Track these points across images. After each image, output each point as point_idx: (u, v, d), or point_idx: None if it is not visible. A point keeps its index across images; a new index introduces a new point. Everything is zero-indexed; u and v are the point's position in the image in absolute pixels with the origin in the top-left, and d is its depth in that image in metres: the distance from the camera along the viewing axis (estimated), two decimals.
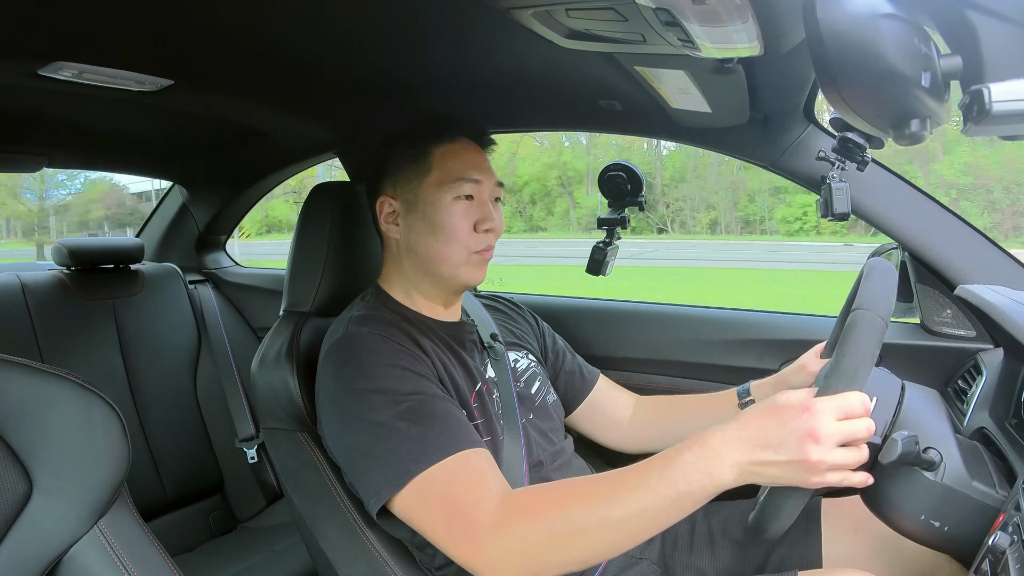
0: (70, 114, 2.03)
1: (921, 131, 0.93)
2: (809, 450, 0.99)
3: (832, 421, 1.00)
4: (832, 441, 0.99)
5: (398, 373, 1.27)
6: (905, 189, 1.74)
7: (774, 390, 1.56)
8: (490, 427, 1.41)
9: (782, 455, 1.01)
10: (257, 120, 2.17)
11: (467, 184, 1.42)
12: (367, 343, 1.30)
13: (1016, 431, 1.34)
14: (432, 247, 1.42)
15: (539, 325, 1.80)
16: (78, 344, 2.45)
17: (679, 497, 1.04)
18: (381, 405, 1.23)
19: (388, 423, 1.21)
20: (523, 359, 1.63)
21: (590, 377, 1.80)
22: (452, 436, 1.21)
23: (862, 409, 1.01)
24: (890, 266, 1.17)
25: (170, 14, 1.29)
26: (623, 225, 2.04)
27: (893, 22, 0.85)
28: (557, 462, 1.51)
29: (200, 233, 3.06)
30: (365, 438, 1.23)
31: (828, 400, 1.01)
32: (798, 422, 1.01)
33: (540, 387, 1.61)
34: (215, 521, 2.62)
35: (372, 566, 1.34)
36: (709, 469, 1.04)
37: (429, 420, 1.22)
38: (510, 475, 1.37)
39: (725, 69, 1.32)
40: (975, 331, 1.73)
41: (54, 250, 2.57)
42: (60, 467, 0.88)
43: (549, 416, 1.58)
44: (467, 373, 1.44)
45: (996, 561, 0.91)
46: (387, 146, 1.49)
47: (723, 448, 1.04)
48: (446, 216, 1.41)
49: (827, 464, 1.00)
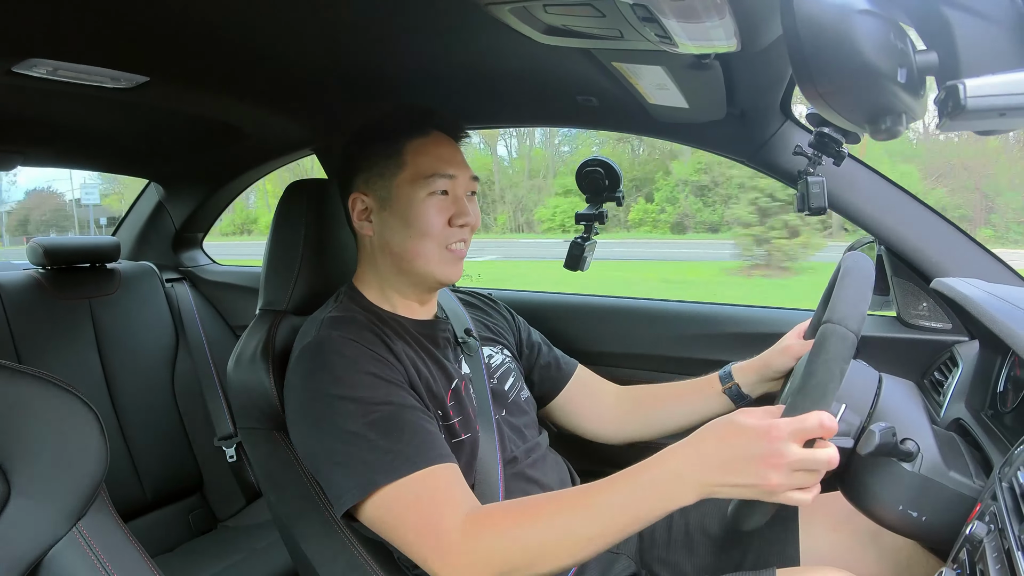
0: (45, 111, 2.01)
1: (897, 126, 0.94)
2: (767, 475, 1.00)
3: (791, 447, 1.00)
4: (791, 467, 1.00)
5: (370, 380, 1.26)
6: (881, 184, 1.75)
7: (756, 374, 1.58)
8: (467, 424, 1.40)
9: (741, 479, 1.02)
10: (234, 117, 2.15)
11: (441, 180, 1.40)
12: (339, 348, 1.29)
13: (992, 422, 1.35)
14: (406, 243, 1.40)
15: (514, 319, 1.79)
16: (55, 344, 2.42)
17: (640, 514, 1.08)
18: (351, 413, 1.22)
19: (357, 431, 1.21)
20: (497, 354, 1.63)
21: (567, 368, 1.79)
22: (422, 450, 1.21)
23: (821, 429, 1.00)
24: (868, 266, 1.17)
25: (145, 10, 1.28)
26: (601, 220, 2.04)
27: (869, 18, 0.85)
28: (531, 457, 1.51)
29: (177, 231, 3.04)
30: (333, 444, 1.22)
31: (787, 424, 1.01)
32: (757, 447, 1.01)
33: (514, 383, 1.60)
34: (195, 521, 2.60)
35: (351, 564, 1.34)
36: (669, 489, 1.06)
37: (399, 432, 1.21)
38: (485, 471, 1.38)
39: (702, 65, 1.32)
40: (951, 324, 1.75)
41: (29, 249, 2.54)
42: (38, 468, 0.88)
43: (523, 411, 1.58)
44: (442, 372, 1.43)
45: (973, 550, 0.92)
46: (358, 142, 1.46)
47: (684, 469, 1.06)
48: (420, 212, 1.39)
49: (786, 487, 1.01)
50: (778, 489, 1.01)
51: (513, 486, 1.42)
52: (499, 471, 1.40)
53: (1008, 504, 0.91)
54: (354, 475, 1.20)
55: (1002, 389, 1.44)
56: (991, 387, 1.48)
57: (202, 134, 2.38)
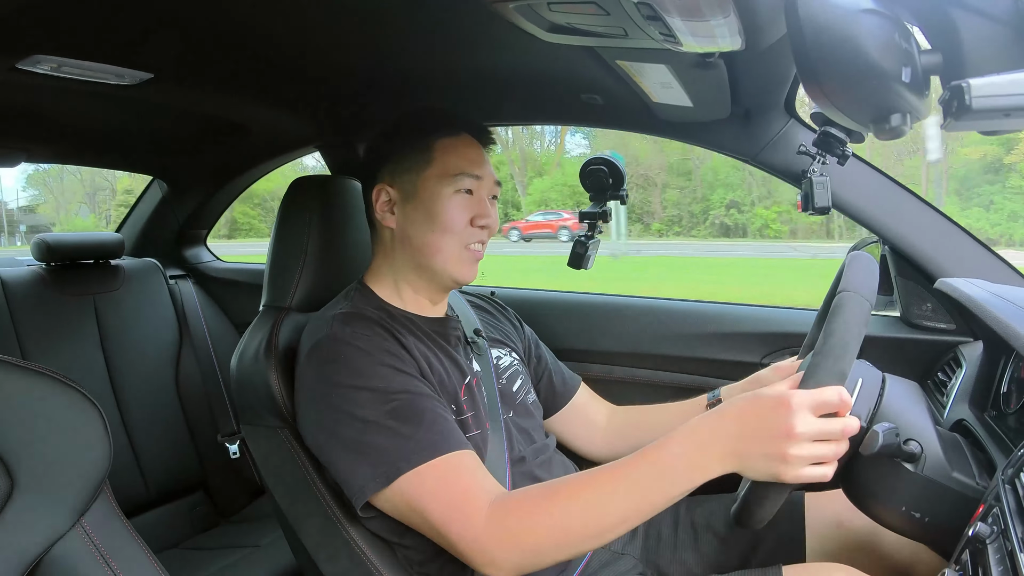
0: (49, 108, 2.01)
1: (901, 126, 0.94)
2: (784, 445, 1.01)
3: (807, 417, 1.01)
4: (807, 437, 1.01)
5: (385, 372, 1.26)
6: (885, 183, 1.75)
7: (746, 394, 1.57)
8: (479, 420, 1.40)
9: (760, 448, 1.03)
10: (238, 114, 2.15)
11: (467, 179, 1.40)
12: (353, 341, 1.29)
13: (995, 423, 1.35)
14: (427, 237, 1.40)
15: (523, 329, 1.79)
16: (58, 340, 2.43)
17: (670, 488, 1.09)
18: (369, 402, 1.22)
19: (376, 420, 1.21)
20: (506, 356, 1.62)
21: (571, 383, 1.79)
22: (443, 436, 1.22)
23: (839, 403, 1.01)
24: (871, 258, 1.18)
25: (149, 7, 1.28)
26: (605, 219, 2.03)
27: (874, 18, 0.85)
28: (540, 458, 1.51)
29: (180, 228, 3.04)
30: (352, 434, 1.22)
31: (805, 395, 1.02)
32: (774, 416, 1.02)
33: (521, 385, 1.60)
34: (198, 517, 2.60)
35: (353, 561, 1.34)
36: (695, 460, 1.07)
37: (419, 419, 1.22)
38: (493, 470, 1.36)
39: (707, 64, 1.32)
40: (955, 324, 1.75)
41: (33, 245, 2.54)
42: (41, 464, 0.88)
43: (530, 415, 1.58)
44: (456, 367, 1.43)
45: (976, 551, 0.92)
46: (387, 135, 1.47)
47: (708, 439, 1.07)
48: (444, 208, 1.39)
49: (804, 458, 1.01)
50: (795, 460, 1.01)
51: (521, 484, 1.41)
52: (507, 470, 1.40)
53: (1011, 505, 0.91)
54: (376, 463, 1.20)
55: (1006, 390, 1.44)
56: (995, 388, 1.48)
57: (206, 131, 2.38)
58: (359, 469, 1.22)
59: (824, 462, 1.03)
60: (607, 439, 1.75)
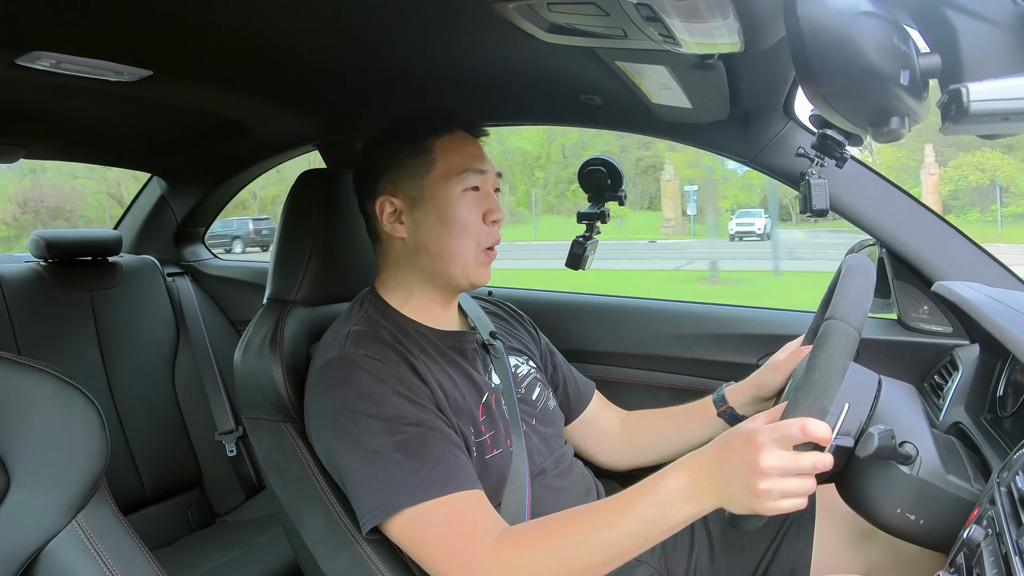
0: (48, 105, 2.01)
1: (900, 128, 0.94)
2: (754, 480, 1.02)
3: (774, 452, 1.01)
4: (775, 472, 1.01)
5: (397, 400, 1.25)
6: (883, 186, 1.75)
7: (750, 394, 1.57)
8: (498, 439, 1.39)
9: (735, 483, 1.05)
10: (237, 112, 2.15)
11: (473, 176, 1.38)
12: (365, 366, 1.27)
13: (991, 426, 1.35)
14: (444, 242, 1.38)
15: (540, 337, 1.77)
16: (55, 337, 2.42)
17: (669, 520, 1.10)
18: (378, 431, 1.21)
19: (382, 451, 1.20)
20: (523, 365, 1.61)
21: (586, 392, 1.77)
22: (448, 474, 1.21)
23: (804, 437, 1.01)
24: (869, 266, 1.18)
25: (149, 4, 1.28)
26: (603, 219, 2.03)
27: (873, 20, 0.86)
28: (559, 468, 1.50)
29: (179, 225, 3.03)
30: (356, 462, 1.22)
31: (770, 431, 1.03)
32: (744, 452, 1.04)
33: (541, 392, 1.58)
34: (194, 515, 2.60)
35: (354, 559, 1.33)
36: (690, 495, 1.09)
37: (427, 455, 1.21)
38: (515, 486, 1.37)
39: (706, 65, 1.32)
40: (952, 327, 1.75)
41: (31, 242, 2.53)
42: (38, 461, 0.88)
43: (551, 421, 1.56)
44: (472, 385, 1.41)
45: (971, 554, 0.92)
46: (380, 143, 1.45)
47: (696, 477, 1.10)
48: (457, 209, 1.37)
49: (775, 492, 1.02)
50: (765, 496, 1.02)
51: (541, 497, 1.41)
52: (527, 484, 1.39)
53: (1006, 509, 0.91)
54: (378, 495, 1.20)
55: (1002, 393, 1.44)
56: (991, 391, 1.48)
57: (205, 129, 2.38)
58: (362, 498, 1.22)
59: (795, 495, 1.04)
60: (620, 447, 1.74)
